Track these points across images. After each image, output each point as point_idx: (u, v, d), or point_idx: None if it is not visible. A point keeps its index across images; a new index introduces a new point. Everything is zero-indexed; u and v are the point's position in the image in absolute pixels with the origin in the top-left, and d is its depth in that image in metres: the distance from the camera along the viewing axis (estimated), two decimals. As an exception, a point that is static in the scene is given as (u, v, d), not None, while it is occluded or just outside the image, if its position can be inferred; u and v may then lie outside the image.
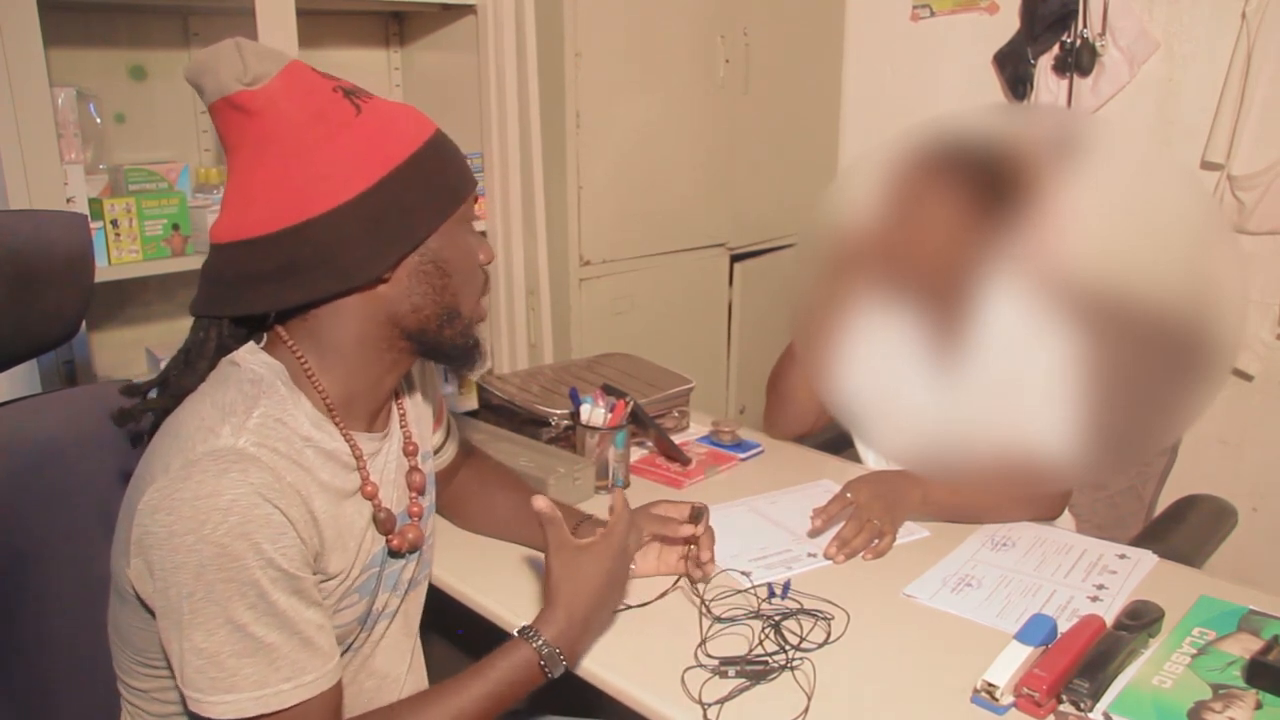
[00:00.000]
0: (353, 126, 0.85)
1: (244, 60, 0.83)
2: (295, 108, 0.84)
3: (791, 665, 0.98)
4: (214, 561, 0.76)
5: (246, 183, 0.85)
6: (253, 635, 0.78)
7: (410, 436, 1.02)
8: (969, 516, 1.30)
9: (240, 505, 0.77)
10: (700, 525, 1.12)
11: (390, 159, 0.85)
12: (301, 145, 0.83)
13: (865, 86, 2.78)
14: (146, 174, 1.69)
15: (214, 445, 0.79)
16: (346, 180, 0.84)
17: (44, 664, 0.99)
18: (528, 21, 2.04)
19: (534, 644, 0.92)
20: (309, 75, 0.86)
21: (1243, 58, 2.09)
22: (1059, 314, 0.97)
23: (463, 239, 0.92)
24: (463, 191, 0.91)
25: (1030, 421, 0.98)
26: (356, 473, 0.91)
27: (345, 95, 0.87)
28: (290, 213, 0.83)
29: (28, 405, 1.05)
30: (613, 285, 2.26)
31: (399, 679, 1.03)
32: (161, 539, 0.77)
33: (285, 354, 0.89)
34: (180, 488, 0.77)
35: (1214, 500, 1.52)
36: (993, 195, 1.00)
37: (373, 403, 0.95)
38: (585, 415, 1.42)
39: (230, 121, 0.85)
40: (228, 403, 0.83)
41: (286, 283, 0.85)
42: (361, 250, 0.85)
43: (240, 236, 0.85)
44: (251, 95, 0.83)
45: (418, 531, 0.99)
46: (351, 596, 0.92)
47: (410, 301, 0.89)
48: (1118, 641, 0.96)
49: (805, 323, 1.15)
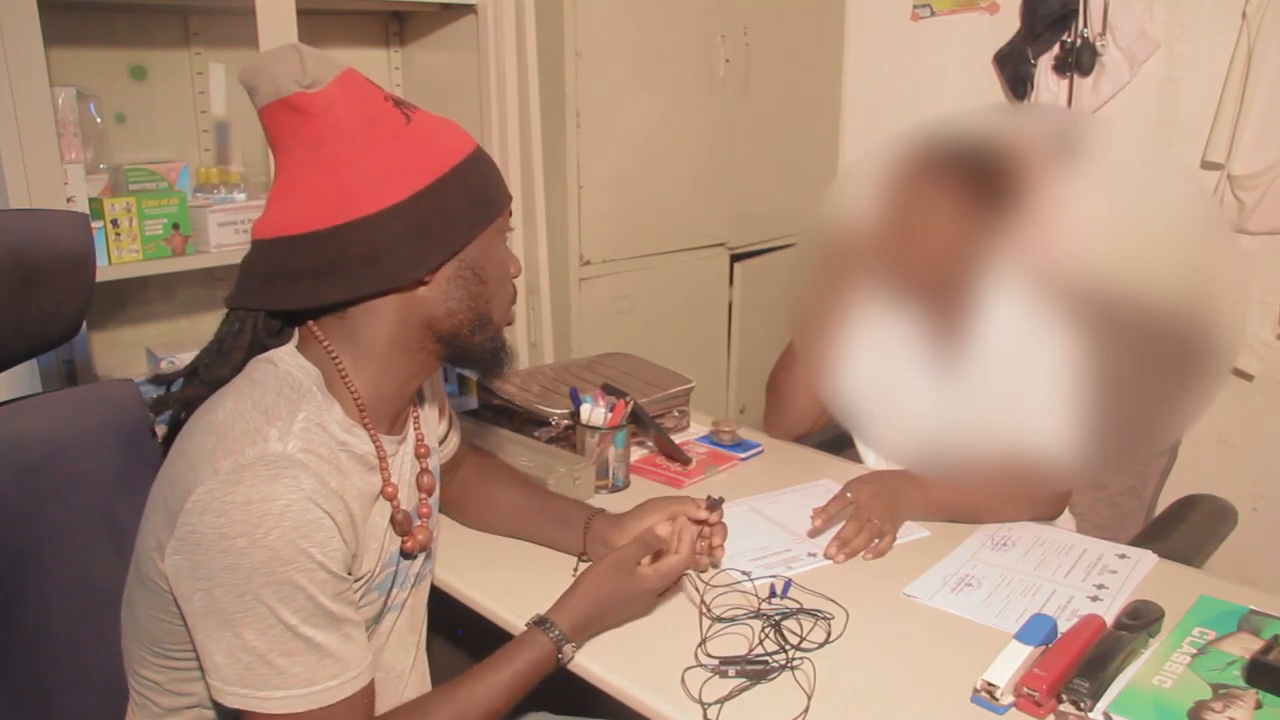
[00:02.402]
0: (402, 134, 0.88)
1: (304, 64, 0.85)
2: (349, 112, 0.86)
3: (791, 665, 0.98)
4: (265, 565, 0.78)
5: (298, 180, 0.87)
6: (302, 635, 0.80)
7: (423, 439, 1.03)
8: (969, 516, 1.30)
9: (293, 511, 0.79)
10: (717, 514, 1.15)
11: (438, 167, 0.88)
12: (355, 148, 0.86)
13: (865, 86, 2.78)
14: (146, 174, 1.69)
15: (265, 450, 0.81)
16: (396, 184, 0.86)
17: (45, 662, 0.99)
18: (528, 21, 2.04)
19: (550, 634, 0.97)
20: (363, 83, 0.89)
21: (1243, 58, 2.09)
22: (1059, 314, 0.97)
23: (498, 249, 0.95)
24: (501, 203, 0.95)
25: (1030, 421, 0.98)
26: (379, 474, 0.93)
27: (396, 105, 0.90)
28: (340, 211, 0.85)
29: (28, 405, 1.05)
30: (613, 285, 2.26)
31: (403, 674, 1.04)
32: (211, 540, 0.78)
33: (319, 354, 0.91)
34: (233, 491, 0.78)
35: (1214, 500, 1.52)
36: (993, 195, 1.00)
37: (398, 404, 0.97)
38: (585, 415, 1.42)
39: (285, 122, 0.87)
40: (269, 405, 0.85)
41: (329, 279, 0.87)
42: (406, 252, 0.87)
43: (287, 232, 0.87)
44: (309, 98, 0.85)
45: (427, 532, 1.00)
46: (371, 595, 0.94)
47: (446, 305, 0.91)
48: (1118, 641, 0.96)
49: (805, 323, 1.15)
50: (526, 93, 2.07)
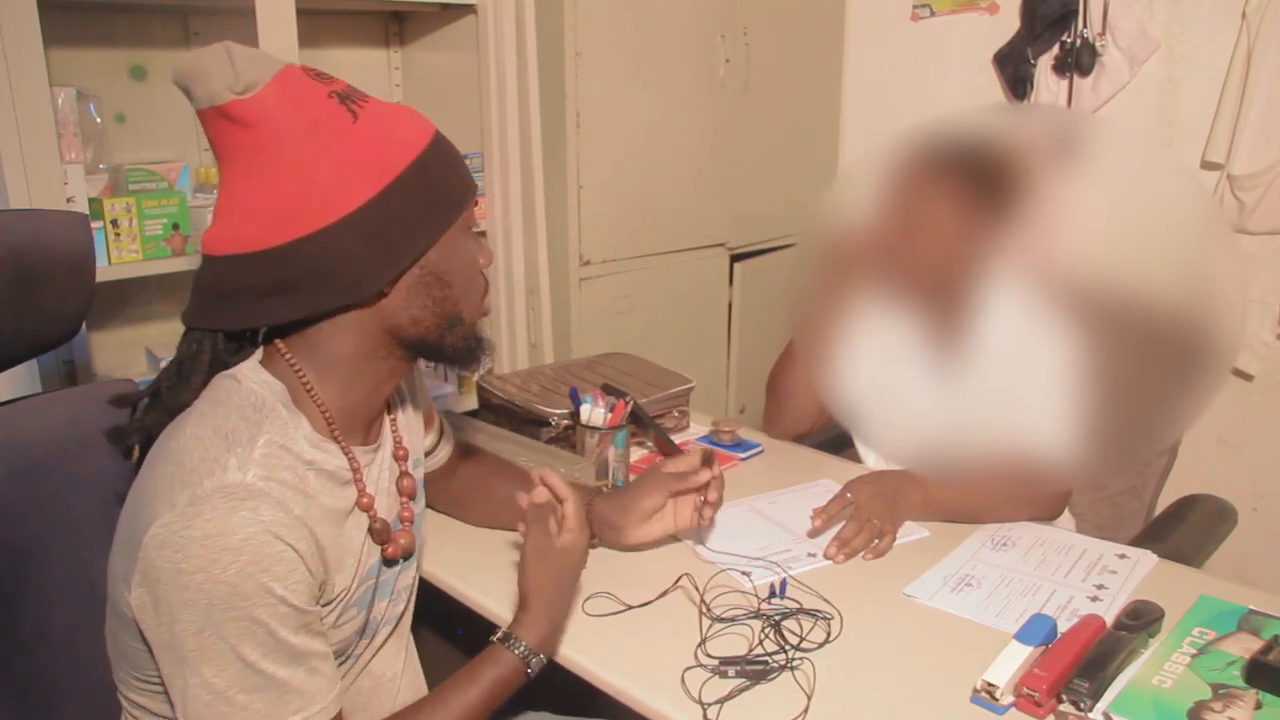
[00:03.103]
0: (351, 135, 0.82)
1: (235, 67, 0.80)
2: (290, 117, 0.81)
3: (791, 665, 0.98)
4: (224, 601, 0.75)
5: (242, 194, 0.82)
6: (262, 671, 0.78)
7: (400, 442, 1.01)
8: (969, 516, 1.30)
9: (251, 544, 0.76)
10: (714, 468, 1.18)
11: (390, 168, 0.83)
12: (299, 156, 0.81)
13: (865, 86, 2.78)
14: (146, 174, 1.69)
15: (222, 481, 0.78)
16: (346, 192, 0.81)
17: (46, 662, 0.99)
18: (528, 21, 2.04)
19: (515, 650, 0.95)
20: (303, 81, 0.83)
21: (1243, 58, 2.09)
22: (1059, 314, 0.97)
23: (463, 247, 0.90)
24: (463, 198, 0.90)
25: (1030, 421, 0.98)
26: (353, 485, 0.91)
27: (341, 101, 0.84)
28: (289, 227, 0.81)
29: (28, 405, 1.05)
30: (613, 285, 2.26)
31: (395, 678, 1.03)
32: (169, 575, 0.75)
33: (283, 369, 0.87)
34: (190, 524, 0.75)
35: (1214, 500, 1.52)
36: (993, 195, 1.00)
37: (369, 413, 0.94)
38: (585, 415, 1.42)
39: (222, 131, 0.83)
40: (230, 430, 0.81)
41: (286, 298, 0.83)
42: (362, 265, 0.83)
43: (237, 250, 0.83)
44: (244, 104, 0.80)
45: (410, 536, 0.98)
46: (350, 611, 0.92)
47: (409, 314, 0.88)
48: (1118, 641, 0.96)
49: (805, 323, 1.15)
50: (526, 93, 2.07)
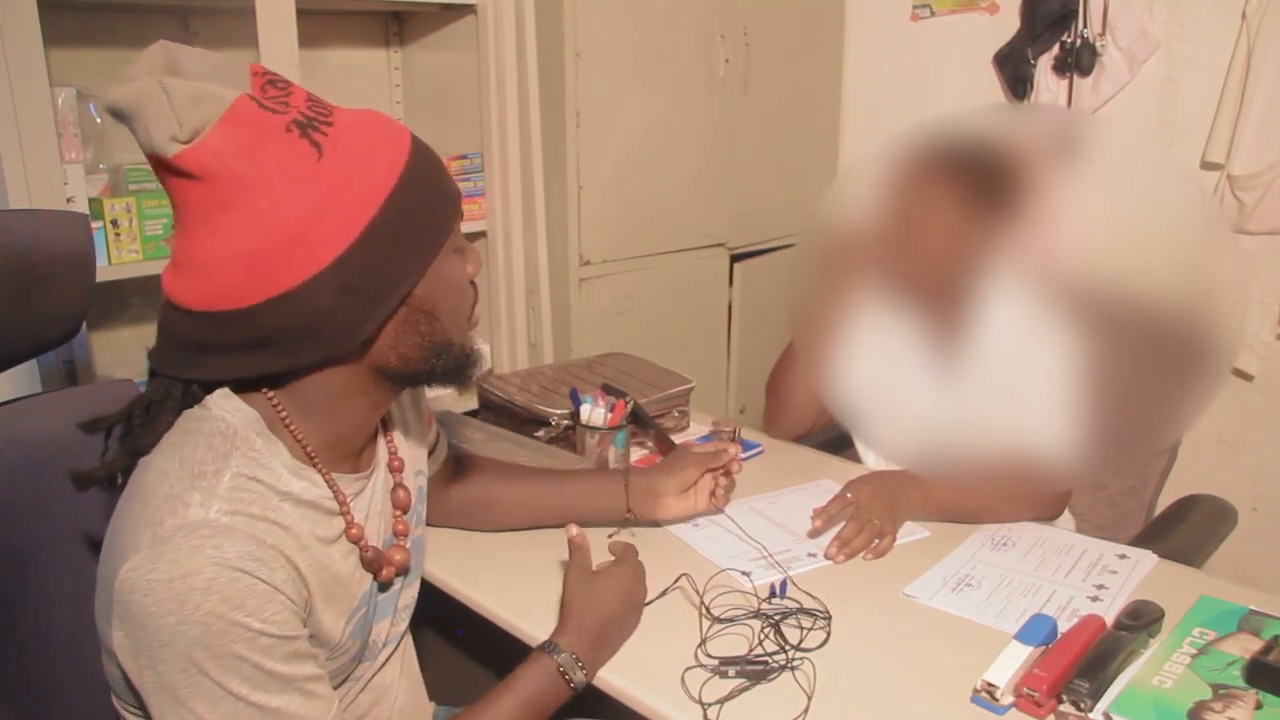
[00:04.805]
0: (316, 176, 0.74)
1: (175, 110, 0.70)
2: (246, 163, 0.73)
3: (791, 665, 0.98)
4: (201, 640, 0.72)
5: (203, 248, 0.75)
6: (256, 704, 0.75)
7: (395, 452, 0.97)
8: (969, 516, 1.30)
9: (219, 583, 0.72)
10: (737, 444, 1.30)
11: (365, 209, 0.75)
12: (261, 210, 0.73)
13: (865, 86, 2.78)
14: (147, 174, 1.69)
15: (184, 519, 0.73)
16: (318, 244, 0.74)
17: (45, 663, 0.99)
18: (528, 21, 2.04)
19: (554, 655, 0.95)
20: (256, 115, 0.74)
21: (1243, 58, 2.09)
22: (1059, 314, 0.97)
23: (450, 270, 0.84)
24: (448, 221, 0.83)
25: (1030, 421, 0.98)
26: (340, 517, 0.86)
27: (301, 132, 0.75)
28: (258, 288, 0.74)
29: (28, 405, 1.05)
30: (613, 285, 2.26)
31: (393, 684, 1.03)
32: (143, 619, 0.72)
33: (260, 400, 0.82)
34: (154, 568, 0.71)
35: (1214, 500, 1.52)
36: (992, 196, 1.00)
37: (357, 442, 0.89)
38: (585, 415, 1.42)
39: (170, 183, 0.75)
40: (196, 462, 0.77)
41: (260, 353, 0.78)
42: (343, 318, 0.77)
43: (204, 307, 0.76)
44: (193, 155, 0.72)
45: (405, 554, 0.94)
46: (346, 643, 0.89)
47: (397, 352, 0.82)
48: (1118, 641, 0.96)
49: (805, 323, 1.15)
50: (526, 93, 2.07)
